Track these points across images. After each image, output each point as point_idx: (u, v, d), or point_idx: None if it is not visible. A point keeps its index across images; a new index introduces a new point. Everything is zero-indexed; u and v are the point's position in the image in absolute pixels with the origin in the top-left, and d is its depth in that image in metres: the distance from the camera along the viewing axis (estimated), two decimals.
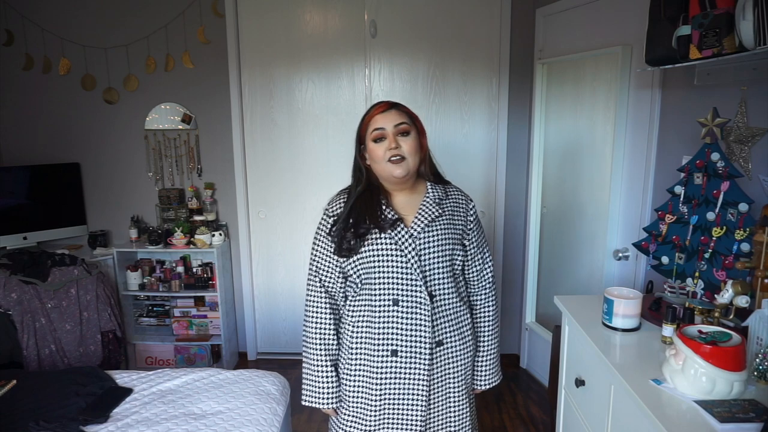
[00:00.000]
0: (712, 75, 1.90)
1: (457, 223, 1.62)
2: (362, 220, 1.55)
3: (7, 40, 3.40)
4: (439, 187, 1.64)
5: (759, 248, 1.47)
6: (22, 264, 2.99)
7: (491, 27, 3.28)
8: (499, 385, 3.34)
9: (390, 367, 1.56)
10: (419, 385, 1.57)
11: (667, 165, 2.21)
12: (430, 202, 1.59)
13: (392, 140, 1.53)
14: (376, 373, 1.57)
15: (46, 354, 2.90)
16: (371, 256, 1.55)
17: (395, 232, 1.54)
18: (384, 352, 1.56)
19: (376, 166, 1.57)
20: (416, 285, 1.54)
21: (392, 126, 1.54)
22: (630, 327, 1.65)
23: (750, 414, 1.18)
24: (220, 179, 3.55)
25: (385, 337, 1.56)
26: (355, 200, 1.59)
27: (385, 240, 1.54)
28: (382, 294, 1.55)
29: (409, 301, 1.54)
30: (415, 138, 1.57)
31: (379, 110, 1.56)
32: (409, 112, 1.60)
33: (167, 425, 1.91)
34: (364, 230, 1.54)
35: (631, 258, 2.48)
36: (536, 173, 3.27)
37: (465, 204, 1.67)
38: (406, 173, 1.54)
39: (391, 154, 1.52)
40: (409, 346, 1.55)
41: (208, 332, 3.57)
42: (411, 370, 1.56)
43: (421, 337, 1.55)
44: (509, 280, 3.56)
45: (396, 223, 1.55)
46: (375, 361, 1.57)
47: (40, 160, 3.49)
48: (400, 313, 1.54)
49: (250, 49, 3.37)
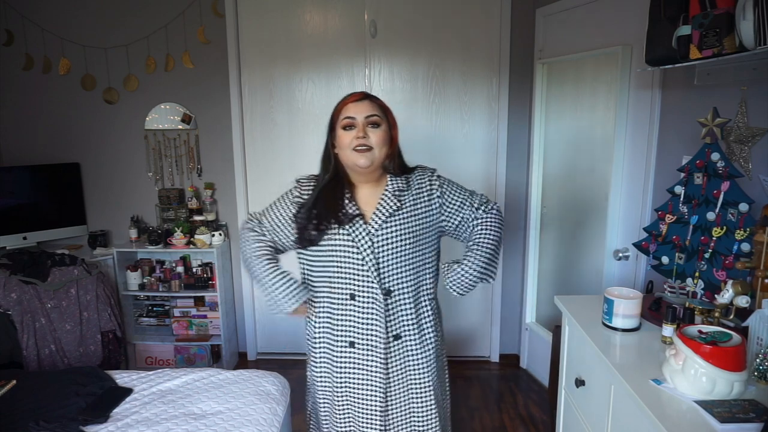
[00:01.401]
0: (712, 75, 1.89)
1: (420, 212, 1.63)
2: (324, 212, 1.58)
3: (7, 40, 3.40)
4: (400, 179, 1.63)
5: (759, 248, 1.47)
6: (22, 264, 2.99)
7: (491, 27, 3.28)
8: (499, 385, 3.36)
9: (348, 357, 1.63)
10: (376, 375, 1.62)
11: (667, 165, 2.21)
12: (389, 196, 1.60)
13: (361, 129, 1.55)
14: (336, 361, 1.65)
15: (46, 354, 2.90)
16: (329, 250, 1.59)
17: (353, 228, 1.57)
18: (342, 343, 1.64)
19: (342, 154, 1.59)
20: (370, 281, 1.58)
21: (363, 116, 1.56)
22: (630, 327, 1.65)
23: (750, 414, 1.17)
24: (220, 179, 3.55)
25: (343, 328, 1.63)
26: (320, 190, 1.61)
27: (342, 235, 1.57)
28: (339, 288, 1.61)
29: (364, 296, 1.59)
30: (385, 131, 1.59)
31: (353, 99, 1.59)
32: (383, 105, 1.62)
33: (167, 425, 1.91)
34: (324, 226, 1.57)
35: (631, 258, 2.48)
36: (536, 173, 3.27)
37: (428, 185, 1.65)
38: (370, 164, 1.55)
39: (357, 143, 1.54)
40: (365, 339, 1.61)
41: (208, 332, 3.57)
42: (368, 360, 1.62)
43: (376, 330, 1.60)
44: (509, 280, 3.56)
45: (355, 218, 1.57)
46: (335, 352, 1.65)
47: (40, 160, 3.49)
48: (357, 307, 1.60)
49: (250, 49, 3.37)
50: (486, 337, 3.67)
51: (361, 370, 1.63)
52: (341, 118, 1.57)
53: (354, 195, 1.62)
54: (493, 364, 3.65)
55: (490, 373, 3.53)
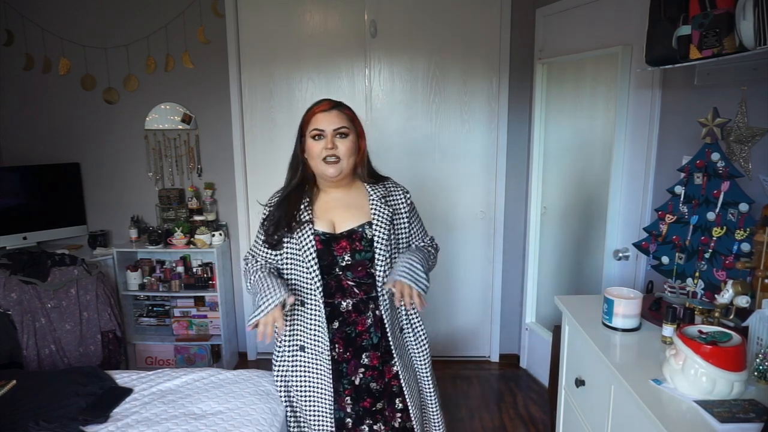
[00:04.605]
0: (712, 75, 1.89)
1: (392, 216, 1.74)
2: (282, 219, 1.67)
3: (7, 40, 3.40)
4: (378, 187, 1.74)
5: (759, 248, 1.47)
6: (22, 264, 2.99)
7: (491, 27, 3.28)
8: (499, 385, 3.36)
9: (299, 360, 1.74)
10: (323, 376, 1.70)
11: (667, 165, 2.21)
12: (378, 204, 1.69)
13: (330, 141, 1.62)
14: (290, 364, 1.75)
15: (46, 354, 2.90)
16: (285, 256, 1.70)
17: (300, 235, 1.65)
18: (294, 346, 1.74)
19: (311, 162, 1.67)
20: (313, 290, 1.65)
21: (332, 129, 1.62)
22: (630, 327, 1.65)
23: (750, 414, 1.17)
24: (220, 179, 3.55)
25: (294, 333, 1.74)
26: (285, 196, 1.70)
27: (292, 242, 1.67)
28: (294, 293, 1.67)
29: (311, 305, 1.67)
30: (353, 141, 1.66)
31: (322, 108, 1.65)
32: (351, 115, 1.69)
33: (167, 425, 1.91)
34: (281, 233, 1.67)
35: (631, 258, 2.48)
36: (536, 173, 3.27)
37: (403, 200, 1.77)
38: (339, 173, 1.64)
39: (327, 154, 1.62)
40: (313, 344, 1.70)
41: (208, 332, 3.57)
42: (316, 363, 1.71)
43: (321, 338, 1.68)
44: (509, 280, 3.56)
45: (303, 225, 1.64)
46: (288, 354, 1.76)
47: (40, 160, 3.49)
48: (304, 313, 1.70)
49: (250, 49, 3.37)
50: (486, 337, 3.67)
51: (311, 373, 1.72)
52: (310, 129, 1.64)
53: (313, 201, 1.71)
54: (492, 364, 3.65)
55: (490, 373, 3.53)
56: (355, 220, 1.69)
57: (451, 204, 3.49)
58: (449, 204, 3.49)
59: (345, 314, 1.70)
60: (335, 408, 1.72)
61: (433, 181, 3.44)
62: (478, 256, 3.56)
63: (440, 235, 3.43)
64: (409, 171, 3.35)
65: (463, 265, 3.56)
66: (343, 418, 1.74)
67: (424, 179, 3.42)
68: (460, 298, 3.61)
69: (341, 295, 1.69)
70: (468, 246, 3.54)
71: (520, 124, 3.36)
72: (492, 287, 3.58)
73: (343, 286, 1.69)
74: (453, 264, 3.53)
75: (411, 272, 1.61)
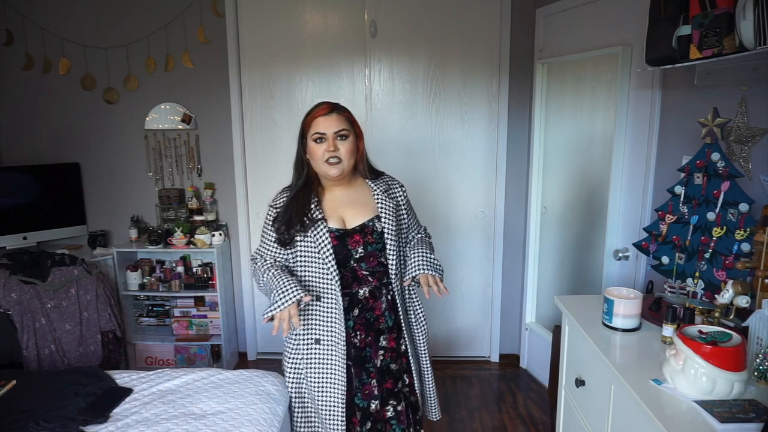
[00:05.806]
0: (712, 75, 1.89)
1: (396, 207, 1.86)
2: (294, 218, 1.74)
3: (7, 40, 3.40)
4: (379, 182, 1.85)
5: (759, 248, 1.47)
6: (22, 264, 2.99)
7: (491, 27, 3.28)
8: (499, 385, 3.37)
9: (314, 352, 1.80)
10: (338, 369, 1.77)
11: (667, 165, 2.21)
12: (383, 198, 1.80)
13: (331, 143, 1.71)
14: (305, 357, 1.81)
15: (46, 354, 2.90)
16: (298, 253, 1.77)
17: (315, 233, 1.72)
18: (309, 340, 1.80)
19: (314, 164, 1.77)
20: (331, 282, 1.73)
21: (332, 132, 1.72)
22: (630, 327, 1.65)
23: (750, 414, 1.18)
24: (220, 179, 3.55)
25: (309, 327, 1.80)
26: (293, 195, 1.78)
27: (307, 240, 1.74)
28: (308, 289, 1.76)
29: (328, 298, 1.75)
30: (353, 141, 1.76)
31: (321, 112, 1.74)
32: (350, 117, 1.78)
33: (167, 425, 1.90)
34: (294, 232, 1.74)
35: (631, 258, 2.48)
36: (536, 173, 3.27)
37: (400, 193, 1.90)
38: (341, 173, 1.74)
39: (329, 156, 1.71)
40: (329, 336, 1.77)
41: (208, 332, 3.57)
42: (331, 356, 1.78)
43: (338, 329, 1.76)
44: (509, 280, 3.56)
45: (317, 223, 1.72)
46: (303, 347, 1.81)
47: (40, 160, 3.49)
48: (320, 307, 1.77)
49: (250, 49, 3.37)
50: (486, 336, 3.67)
51: (326, 365, 1.79)
52: (312, 133, 1.73)
53: (321, 200, 1.80)
54: (493, 363, 3.65)
55: (490, 373, 3.53)
56: (363, 215, 1.80)
57: (451, 204, 3.49)
58: (449, 204, 3.49)
59: (363, 301, 1.80)
60: (358, 397, 1.81)
61: (433, 181, 3.44)
62: (478, 256, 3.56)
63: (440, 235, 3.44)
64: (410, 171, 3.35)
65: (463, 265, 3.56)
66: (367, 406, 1.81)
67: (424, 179, 3.42)
68: (460, 298, 3.61)
69: (357, 284, 1.79)
70: (468, 246, 3.54)
71: (520, 124, 3.36)
72: (492, 287, 3.58)
73: (359, 276, 1.79)
74: (453, 264, 3.53)
75: (429, 263, 1.78)
